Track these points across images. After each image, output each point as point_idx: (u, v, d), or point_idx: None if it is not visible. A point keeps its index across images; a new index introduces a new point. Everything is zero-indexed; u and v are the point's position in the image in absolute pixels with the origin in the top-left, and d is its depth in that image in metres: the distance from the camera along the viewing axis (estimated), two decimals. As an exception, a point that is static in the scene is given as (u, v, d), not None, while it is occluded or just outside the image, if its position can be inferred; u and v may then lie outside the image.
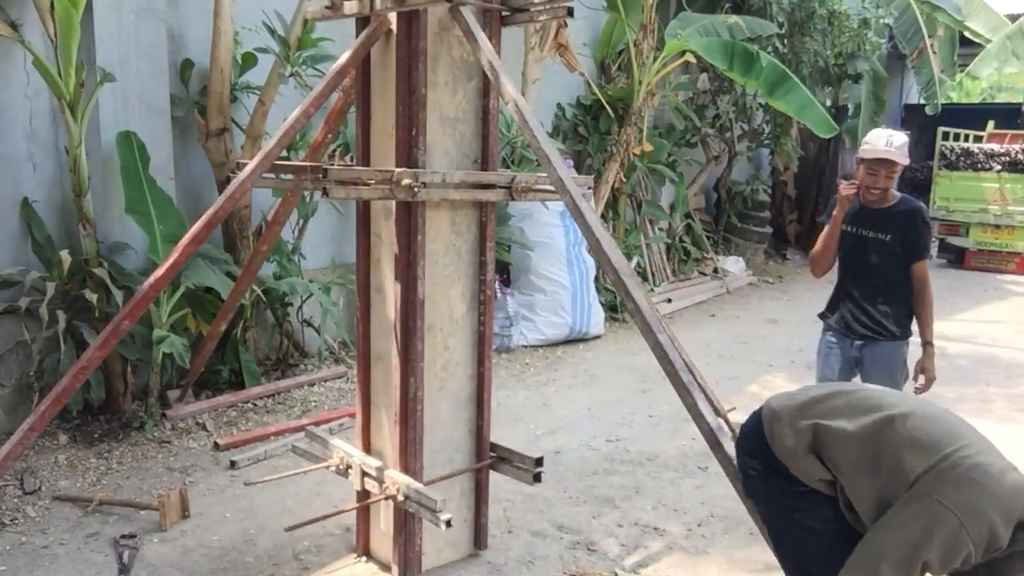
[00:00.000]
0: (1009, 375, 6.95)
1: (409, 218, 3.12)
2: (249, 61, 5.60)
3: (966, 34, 12.76)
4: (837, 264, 3.95)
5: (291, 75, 5.56)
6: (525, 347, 7.21)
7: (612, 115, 8.83)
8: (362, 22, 3.26)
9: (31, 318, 4.56)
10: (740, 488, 2.53)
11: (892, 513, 2.04)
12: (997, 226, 12.64)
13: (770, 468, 2.37)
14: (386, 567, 3.44)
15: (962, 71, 13.54)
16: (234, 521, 3.90)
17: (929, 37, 12.00)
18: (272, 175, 3.35)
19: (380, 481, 3.19)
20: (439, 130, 3.19)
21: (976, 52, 13.14)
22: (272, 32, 5.44)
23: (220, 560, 3.53)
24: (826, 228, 3.86)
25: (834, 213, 3.78)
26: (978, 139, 13.46)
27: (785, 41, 10.37)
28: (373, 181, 3.00)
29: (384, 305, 3.30)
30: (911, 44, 12.42)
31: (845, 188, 3.73)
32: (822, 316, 4.06)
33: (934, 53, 12.26)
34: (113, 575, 3.40)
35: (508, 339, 7.07)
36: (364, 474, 3.26)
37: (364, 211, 3.37)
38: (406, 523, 3.25)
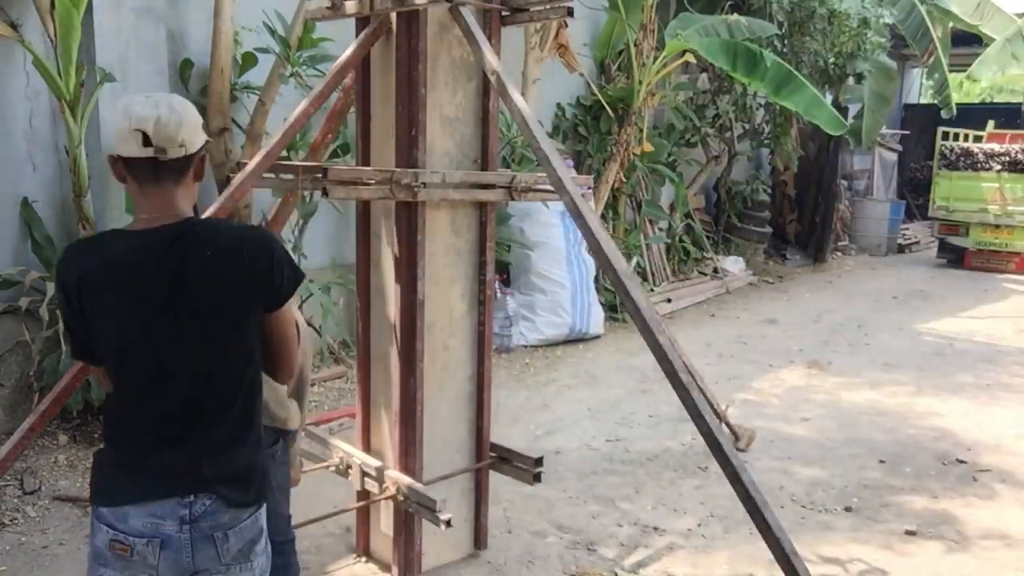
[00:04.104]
0: (1012, 370, 6.96)
1: (409, 218, 3.12)
2: (249, 61, 5.60)
3: (981, 37, 12.78)
4: None
5: (291, 75, 5.56)
6: (525, 347, 7.21)
7: (612, 115, 8.83)
8: (362, 22, 3.26)
9: (31, 318, 4.57)
10: (737, 488, 2.53)
11: None
12: (997, 226, 12.64)
13: None
14: (386, 567, 3.44)
15: (961, 72, 13.56)
16: (234, 521, 3.89)
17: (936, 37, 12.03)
18: (272, 175, 3.34)
19: (380, 481, 3.19)
20: (439, 130, 3.19)
21: (975, 52, 13.15)
22: (272, 32, 5.44)
23: (220, 560, 3.53)
24: None
25: None
26: (978, 139, 13.46)
27: (785, 41, 10.36)
28: (373, 181, 3.00)
29: (384, 305, 3.30)
30: (920, 45, 12.41)
31: None
32: None
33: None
34: (113, 575, 3.40)
35: (508, 339, 7.07)
36: (364, 474, 3.26)
37: (364, 211, 3.37)
38: (406, 523, 3.25)
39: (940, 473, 4.73)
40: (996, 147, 12.87)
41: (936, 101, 13.45)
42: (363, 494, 3.35)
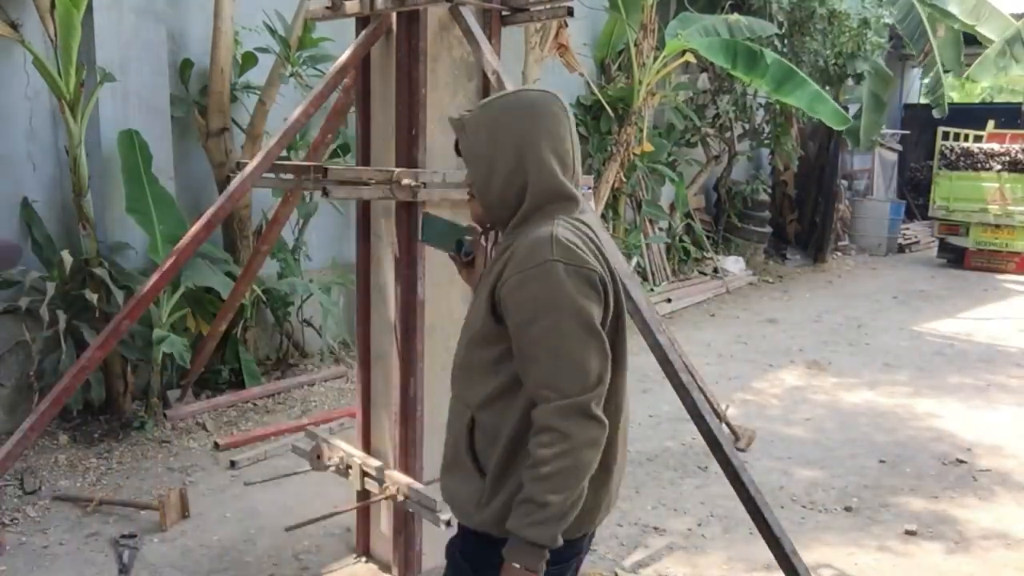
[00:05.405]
0: (1011, 371, 6.96)
1: (409, 218, 3.11)
2: (249, 61, 5.61)
3: (978, 38, 12.78)
4: None
5: (291, 75, 5.56)
6: (525, 347, 7.19)
7: (612, 115, 8.83)
8: (362, 22, 3.26)
9: (31, 318, 4.57)
10: (737, 488, 2.53)
11: None
12: (997, 226, 12.64)
13: None
14: (386, 567, 3.44)
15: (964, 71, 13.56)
16: (234, 521, 3.90)
17: (934, 37, 12.03)
18: (272, 175, 3.35)
19: (380, 481, 3.18)
20: (439, 130, 3.19)
21: (975, 53, 13.15)
22: (272, 32, 5.44)
23: (220, 560, 3.53)
24: None
25: None
26: (978, 139, 13.46)
27: (785, 41, 10.36)
28: (373, 181, 3.00)
29: (384, 305, 3.30)
30: (917, 45, 12.40)
31: None
32: None
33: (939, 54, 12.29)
34: (113, 575, 3.40)
35: (508, 339, 7.05)
36: (364, 474, 3.26)
37: (364, 211, 3.37)
38: (406, 523, 3.25)
39: (940, 473, 4.73)
40: (996, 147, 12.86)
41: (929, 101, 13.45)
42: (363, 494, 3.34)
